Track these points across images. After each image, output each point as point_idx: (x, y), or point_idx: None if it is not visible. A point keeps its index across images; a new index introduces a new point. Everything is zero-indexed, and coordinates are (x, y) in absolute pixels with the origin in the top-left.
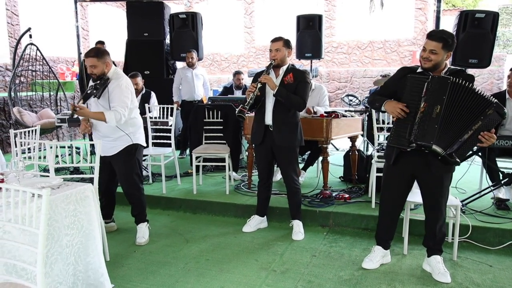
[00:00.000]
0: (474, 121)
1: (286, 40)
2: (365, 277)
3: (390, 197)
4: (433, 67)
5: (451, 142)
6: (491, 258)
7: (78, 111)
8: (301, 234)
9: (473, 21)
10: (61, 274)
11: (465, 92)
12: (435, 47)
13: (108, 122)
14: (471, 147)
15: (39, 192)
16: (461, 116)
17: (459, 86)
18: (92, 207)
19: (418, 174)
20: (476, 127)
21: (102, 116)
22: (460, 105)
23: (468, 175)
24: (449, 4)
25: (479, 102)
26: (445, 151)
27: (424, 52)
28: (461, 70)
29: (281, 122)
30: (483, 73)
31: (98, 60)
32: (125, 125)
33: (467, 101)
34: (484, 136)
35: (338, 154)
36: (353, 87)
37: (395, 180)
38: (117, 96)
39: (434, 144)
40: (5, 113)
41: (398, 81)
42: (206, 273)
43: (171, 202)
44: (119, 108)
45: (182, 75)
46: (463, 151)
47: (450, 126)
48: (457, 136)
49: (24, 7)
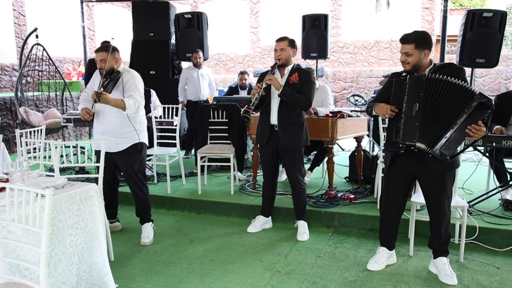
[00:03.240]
0: (458, 115)
1: (291, 40)
2: (370, 278)
3: (390, 199)
4: (413, 68)
5: (435, 138)
6: (498, 260)
7: (102, 97)
8: (306, 234)
9: (480, 20)
10: (64, 273)
11: (443, 86)
12: (408, 49)
13: (127, 109)
14: (459, 142)
15: (42, 192)
16: (442, 110)
17: (435, 81)
18: (96, 207)
19: (418, 175)
20: (461, 121)
21: (122, 103)
22: (439, 100)
23: (475, 175)
24: (456, 3)
25: (460, 95)
26: (430, 147)
27: (401, 56)
28: (448, 64)
29: (287, 122)
30: (490, 73)
31: (108, 55)
32: (134, 120)
33: (447, 95)
34: (471, 130)
35: (344, 154)
36: (359, 87)
37: (394, 182)
38: (133, 85)
39: (417, 142)
40: (12, 113)
41: (388, 87)
42: (211, 273)
43: (176, 202)
44: (137, 96)
45: (187, 75)
46: (451, 146)
47: (432, 122)
48: (440, 131)
49: (31, 7)
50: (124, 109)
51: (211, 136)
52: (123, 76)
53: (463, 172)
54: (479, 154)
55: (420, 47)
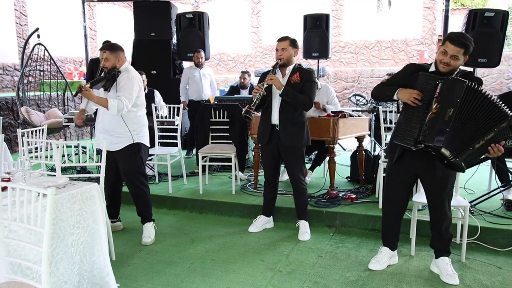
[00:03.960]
0: (487, 132)
1: (292, 40)
2: (372, 278)
3: (393, 196)
4: (450, 72)
5: (461, 147)
6: (500, 259)
7: (83, 91)
8: (308, 234)
9: (482, 20)
10: (66, 273)
11: (479, 98)
12: (457, 52)
13: (110, 109)
14: (479, 156)
15: (44, 192)
16: (473, 123)
17: (474, 91)
18: (98, 207)
19: (422, 175)
20: (488, 138)
21: (105, 102)
22: (473, 111)
23: (477, 175)
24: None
25: (494, 112)
26: (454, 155)
27: (445, 56)
28: (470, 72)
29: (288, 122)
30: (492, 73)
31: (111, 53)
32: (129, 121)
33: (482, 109)
34: (493, 148)
35: (345, 154)
36: (360, 87)
37: (398, 179)
38: (124, 87)
39: (443, 147)
40: (13, 112)
41: (408, 76)
42: (212, 273)
43: (177, 202)
44: (123, 98)
45: (189, 75)
46: (471, 159)
47: (461, 132)
48: (467, 143)
49: (32, 7)
50: (106, 108)
51: (213, 136)
52: (120, 76)
53: (463, 172)
54: None
55: (467, 54)
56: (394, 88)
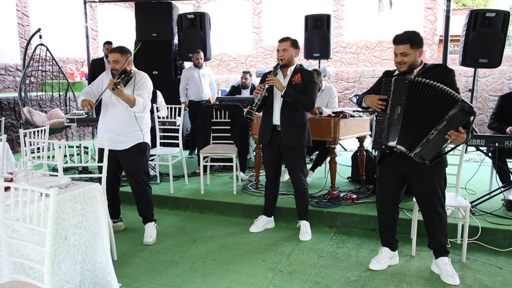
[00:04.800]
0: (438, 121)
1: (294, 40)
2: (373, 278)
3: (383, 197)
4: (409, 68)
5: (415, 141)
6: (501, 260)
7: (118, 88)
8: (308, 234)
9: (483, 20)
10: (68, 273)
11: (426, 90)
12: (404, 49)
13: (136, 106)
14: (438, 146)
15: (46, 192)
16: (424, 114)
17: (418, 85)
18: (100, 207)
19: (408, 174)
20: (441, 126)
21: (133, 99)
22: (421, 104)
23: (478, 175)
24: (459, 3)
25: (442, 100)
26: (409, 150)
27: (396, 57)
28: (438, 65)
29: (289, 122)
30: (493, 73)
31: (121, 56)
32: (141, 120)
33: (429, 100)
34: (451, 135)
35: (346, 154)
36: (361, 87)
37: (386, 180)
38: (143, 85)
39: (398, 144)
40: (16, 113)
41: (378, 85)
42: (213, 273)
43: (179, 202)
44: (145, 96)
45: (188, 75)
46: (430, 151)
47: (413, 126)
48: (420, 135)
49: (34, 8)
50: (133, 105)
51: (214, 136)
52: (136, 75)
53: (465, 172)
54: (482, 154)
55: (415, 46)
56: (363, 96)
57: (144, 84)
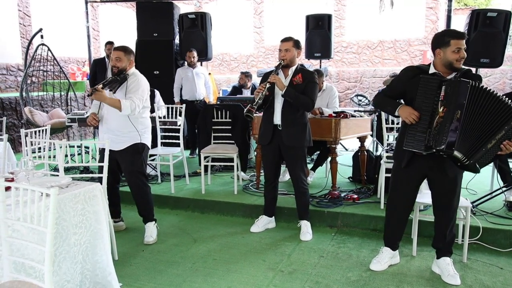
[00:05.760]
0: (498, 130)
1: (296, 41)
2: (373, 278)
3: (400, 199)
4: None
5: (472, 148)
6: (502, 260)
7: (96, 93)
8: (309, 234)
9: (484, 20)
10: (69, 272)
11: (485, 97)
12: (463, 44)
13: (123, 110)
14: (493, 155)
15: (47, 191)
16: (482, 122)
17: (479, 91)
18: (100, 206)
19: (431, 176)
20: (499, 136)
21: (118, 103)
22: (481, 111)
23: (480, 175)
24: (461, 3)
25: (502, 109)
26: (467, 157)
27: (459, 52)
28: (469, 70)
29: (290, 122)
30: (495, 73)
31: (125, 55)
32: (136, 121)
33: (489, 107)
34: (506, 146)
35: (348, 154)
36: (362, 87)
37: (405, 182)
38: (134, 88)
39: (456, 150)
40: (17, 112)
41: (408, 81)
42: (214, 273)
43: (180, 202)
44: (135, 99)
45: (182, 75)
46: (485, 159)
47: (471, 132)
48: (479, 143)
49: (36, 8)
50: (119, 109)
51: (215, 136)
52: (129, 78)
53: (467, 172)
54: None
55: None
56: (395, 103)
57: (136, 87)
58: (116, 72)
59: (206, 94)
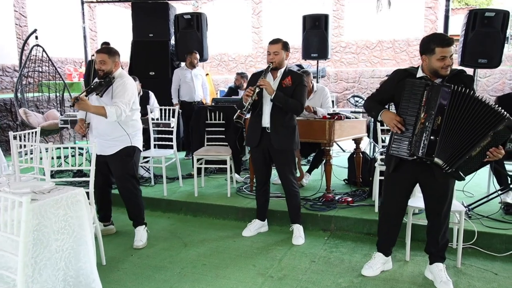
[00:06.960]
0: (483, 137)
1: (285, 42)
2: (365, 284)
3: (392, 204)
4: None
5: (454, 156)
6: (497, 265)
7: (79, 102)
8: (301, 238)
9: (482, 20)
10: (50, 279)
11: (469, 102)
12: (452, 51)
13: (109, 117)
14: (478, 162)
15: (19, 199)
16: (466, 128)
17: (462, 96)
18: (84, 212)
19: (422, 181)
20: (485, 143)
21: (103, 110)
22: (464, 117)
23: (476, 178)
24: (462, 2)
25: (487, 115)
26: (448, 164)
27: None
28: (459, 73)
29: (279, 125)
30: (494, 73)
31: (109, 57)
32: (125, 125)
33: (473, 113)
34: (492, 153)
35: (344, 156)
36: (361, 87)
37: (396, 187)
38: (120, 92)
39: (436, 157)
40: (12, 114)
41: (396, 84)
42: (202, 278)
43: (172, 205)
44: (121, 104)
45: (181, 76)
46: (469, 167)
47: (453, 139)
48: (461, 150)
49: (32, 8)
50: (105, 116)
51: (208, 138)
52: (115, 82)
53: None
54: None
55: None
56: (378, 108)
57: (122, 91)
58: (102, 75)
59: (203, 96)
